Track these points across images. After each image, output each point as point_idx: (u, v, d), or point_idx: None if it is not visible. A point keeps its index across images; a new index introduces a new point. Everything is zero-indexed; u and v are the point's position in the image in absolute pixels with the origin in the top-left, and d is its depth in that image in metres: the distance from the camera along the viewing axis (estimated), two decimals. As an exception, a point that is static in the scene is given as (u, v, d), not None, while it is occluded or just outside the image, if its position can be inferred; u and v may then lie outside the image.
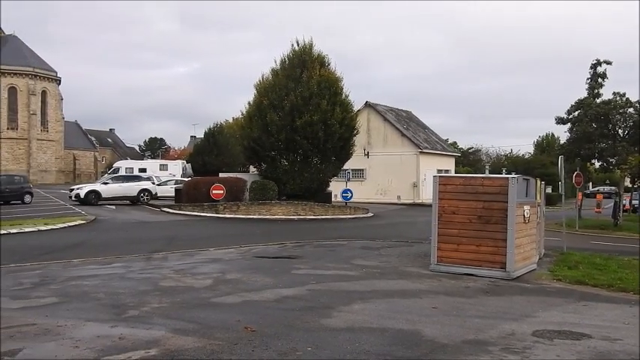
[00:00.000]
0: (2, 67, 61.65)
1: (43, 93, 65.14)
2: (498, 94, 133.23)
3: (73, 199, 30.84)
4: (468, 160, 70.25)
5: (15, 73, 62.38)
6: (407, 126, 47.30)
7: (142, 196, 32.11)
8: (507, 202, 10.50)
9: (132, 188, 32.16)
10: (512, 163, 61.26)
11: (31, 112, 63.16)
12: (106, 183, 32.49)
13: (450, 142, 62.92)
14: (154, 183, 33.90)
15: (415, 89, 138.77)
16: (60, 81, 67.83)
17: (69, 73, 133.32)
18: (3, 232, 17.72)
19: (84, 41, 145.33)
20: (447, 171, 44.86)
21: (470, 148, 75.92)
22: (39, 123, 64.48)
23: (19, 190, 31.37)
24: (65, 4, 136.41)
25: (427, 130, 51.39)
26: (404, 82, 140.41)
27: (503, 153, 76.56)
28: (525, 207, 11.22)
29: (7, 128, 62.32)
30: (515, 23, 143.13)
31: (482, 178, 11.40)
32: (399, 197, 42.72)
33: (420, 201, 41.24)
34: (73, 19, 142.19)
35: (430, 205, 11.84)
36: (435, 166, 42.77)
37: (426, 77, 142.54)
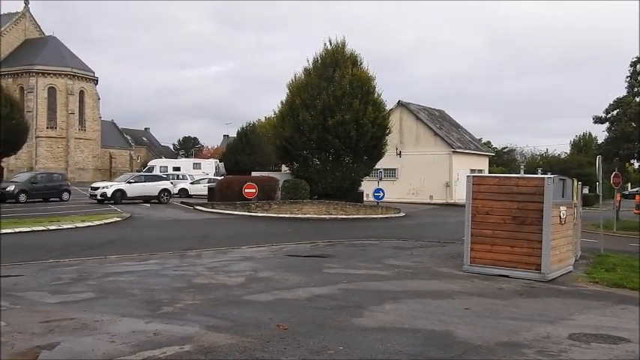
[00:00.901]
0: (42, 67, 63.31)
1: (81, 93, 66.63)
2: (534, 93, 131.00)
3: (99, 197, 29.92)
4: (502, 159, 69.25)
5: (54, 74, 63.98)
6: (440, 125, 46.88)
7: (162, 196, 32.00)
8: (543, 202, 10.32)
9: (153, 188, 32.10)
10: (548, 163, 60.15)
11: (70, 112, 64.67)
12: (130, 182, 31.67)
13: (483, 141, 62.14)
14: (170, 182, 34.77)
15: (449, 88, 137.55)
16: (97, 81, 69.27)
17: (106, 73, 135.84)
18: (41, 228, 18.21)
19: (121, 42, 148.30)
20: (480, 171, 44.29)
21: (504, 148, 74.85)
22: (77, 122, 65.98)
23: (58, 188, 32.20)
24: (104, 5, 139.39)
25: (460, 130, 50.84)
26: (437, 81, 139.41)
27: (538, 153, 75.31)
28: (561, 208, 11.01)
29: (47, 127, 63.95)
30: (552, 21, 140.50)
31: (517, 178, 11.22)
32: (431, 197, 42.37)
33: (453, 201, 40.83)
34: (112, 21, 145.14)
35: (463, 205, 11.72)
36: (468, 166, 42.27)
37: (461, 76, 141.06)
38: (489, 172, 45.94)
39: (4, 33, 67.47)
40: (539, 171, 45.76)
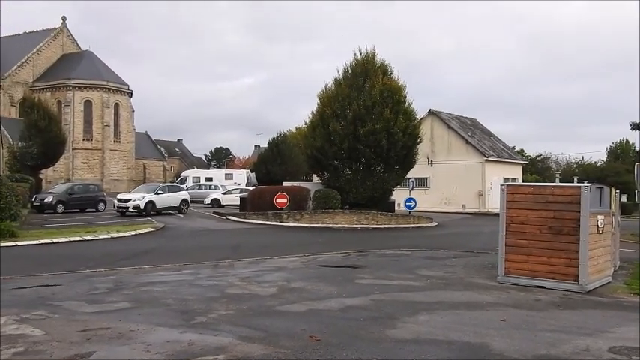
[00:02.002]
0: (79, 81, 64.92)
1: (116, 105, 68.02)
2: (569, 99, 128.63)
3: (131, 209, 28.85)
4: (536, 168, 68.12)
5: (90, 87, 65.49)
6: (471, 134, 46.41)
7: (182, 207, 31.87)
8: (580, 211, 10.11)
9: (176, 198, 31.98)
10: (584, 171, 58.96)
11: (105, 124, 66.05)
12: (158, 193, 31.00)
13: (516, 149, 61.24)
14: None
15: (481, 96, 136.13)
16: (131, 94, 70.63)
17: (140, 85, 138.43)
18: (78, 238, 18.59)
19: (156, 54, 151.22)
20: (514, 179, 43.65)
21: (538, 156, 73.63)
22: (112, 134, 67.32)
23: (94, 199, 32.86)
24: (139, 19, 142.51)
25: (493, 138, 50.24)
26: (470, 88, 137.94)
27: (573, 161, 73.85)
28: (599, 217, 10.76)
29: (83, 139, 65.41)
30: (588, 26, 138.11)
31: (553, 186, 11.01)
32: (463, 206, 41.90)
33: (486, 210, 40.30)
34: (147, 34, 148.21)
35: (497, 215, 11.55)
36: (501, 175, 41.72)
37: (494, 83, 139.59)
38: (523, 181, 45.26)
39: (42, 49, 69.48)
40: (575, 179, 44.93)
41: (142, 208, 29.11)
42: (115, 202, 30.19)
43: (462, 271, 12.51)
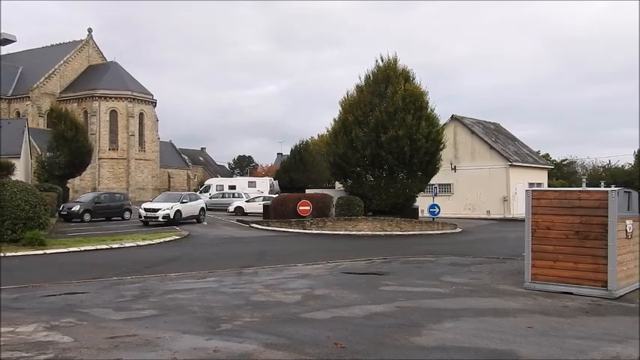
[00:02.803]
0: (104, 92, 66.01)
1: (141, 115, 68.95)
2: (595, 102, 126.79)
3: (161, 219, 28.19)
4: (562, 172, 67.11)
5: (115, 97, 66.54)
6: (495, 139, 45.99)
7: (201, 215, 31.71)
8: (607, 216, 9.94)
9: (196, 207, 31.75)
10: (611, 175, 57.85)
11: (130, 134, 66.98)
12: (183, 202, 30.52)
13: (541, 154, 60.46)
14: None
15: (505, 100, 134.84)
16: (155, 103, 71.56)
17: (165, 95, 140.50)
18: (105, 246, 18.86)
19: (180, 64, 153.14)
20: (539, 184, 43.10)
21: (564, 160, 72.54)
22: (137, 143, 68.22)
23: (120, 207, 33.28)
24: (163, 29, 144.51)
25: (517, 143, 49.72)
26: (493, 93, 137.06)
27: (600, 164, 72.51)
28: (627, 222, 10.57)
29: (109, 149, 66.41)
30: (612, 27, 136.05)
31: (579, 191, 10.85)
32: (488, 212, 41.48)
33: (511, 216, 39.83)
34: (170, 44, 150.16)
35: (522, 220, 11.43)
36: (526, 180, 41.22)
37: (518, 87, 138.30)
38: (549, 186, 44.70)
39: (69, 60, 70.83)
40: (602, 184, 44.18)
41: (171, 217, 28.61)
42: (141, 211, 29.30)
43: (487, 278, 12.39)
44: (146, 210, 29.11)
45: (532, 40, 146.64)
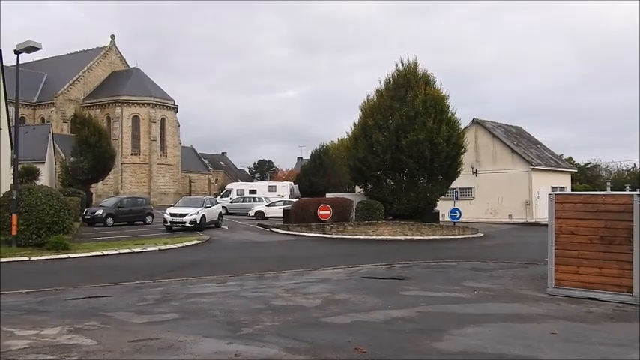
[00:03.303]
0: (127, 98, 66.89)
1: (163, 120, 69.67)
2: (618, 105, 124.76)
3: (188, 224, 27.75)
4: (586, 176, 66.15)
5: (138, 103, 67.38)
6: (517, 142, 45.54)
7: (219, 220, 31.52)
8: (633, 221, 9.78)
9: (216, 212, 31.59)
10: (637, 179, 56.89)
11: (152, 139, 67.71)
12: (207, 207, 30.16)
13: (564, 157, 59.69)
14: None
15: (527, 104, 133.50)
16: (177, 109, 72.26)
17: (186, 100, 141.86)
18: (127, 250, 19.06)
19: (201, 70, 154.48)
20: (562, 188, 42.55)
21: (587, 164, 71.49)
22: (159, 148, 68.94)
23: (142, 212, 33.60)
24: (186, 36, 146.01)
25: (539, 146, 49.18)
26: (515, 96, 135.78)
27: (625, 168, 71.32)
28: (654, 226, 10.37)
29: (131, 154, 67.21)
30: (635, 30, 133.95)
31: (604, 195, 10.69)
32: (510, 216, 41.06)
33: (534, 220, 39.38)
34: (192, 50, 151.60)
35: (545, 225, 11.29)
36: (548, 184, 40.71)
37: (543, 90, 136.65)
38: (572, 190, 44.10)
39: (93, 67, 71.90)
40: (628, 188, 43.44)
41: (198, 222, 28.16)
42: (166, 216, 28.66)
43: (509, 283, 12.26)
44: (172, 215, 28.57)
45: (559, 43, 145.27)
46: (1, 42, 28.21)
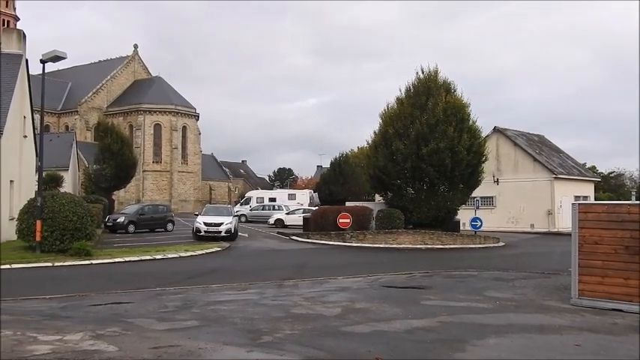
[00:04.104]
0: (149, 106, 67.70)
1: (184, 128, 70.35)
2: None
3: (224, 234, 26.97)
4: (609, 185, 65.17)
5: (159, 111, 68.17)
6: (539, 150, 45.07)
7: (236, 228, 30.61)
8: (659, 231, 9.59)
9: (236, 221, 30.50)
10: (662, 188, 55.85)
11: (173, 147, 68.38)
12: (235, 215, 30.02)
13: (588, 166, 58.90)
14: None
15: (550, 112, 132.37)
16: (198, 117, 72.92)
17: (207, 108, 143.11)
18: (148, 257, 19.20)
19: (223, 79, 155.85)
20: (585, 197, 41.94)
21: (611, 173, 70.48)
22: (180, 156, 69.59)
23: (163, 219, 33.82)
24: (208, 45, 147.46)
25: (562, 155, 48.61)
26: (538, 104, 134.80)
27: (650, 177, 70.12)
28: (681, 237, 10.16)
29: (153, 161, 67.92)
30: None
31: (629, 204, 10.50)
32: (532, 225, 40.58)
33: (556, 229, 38.89)
34: (213, 58, 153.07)
35: (567, 234, 11.13)
36: (571, 192, 40.20)
37: (566, 98, 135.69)
38: (595, 199, 43.49)
39: (116, 75, 72.96)
40: (653, 197, 42.63)
41: (232, 231, 27.59)
42: (200, 225, 27.38)
43: (532, 293, 12.09)
44: (207, 224, 27.38)
45: (582, 49, 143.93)
46: (28, 51, 28.83)
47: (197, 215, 30.41)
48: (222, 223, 27.49)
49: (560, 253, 20.07)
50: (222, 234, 27.09)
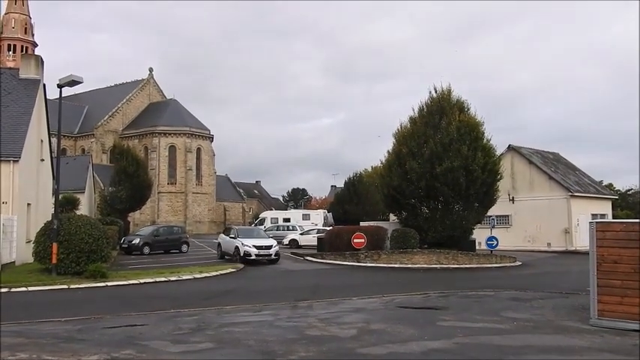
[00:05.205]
0: (164, 128, 68.36)
1: (198, 150, 70.86)
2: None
3: (273, 256, 26.44)
4: (627, 203, 64.32)
5: (174, 133, 68.80)
6: (555, 168, 44.72)
7: None
8: (679, 249, 9.43)
9: None
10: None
11: (188, 168, 68.84)
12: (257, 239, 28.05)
13: (604, 183, 58.26)
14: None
15: (568, 129, 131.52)
16: (212, 138, 73.46)
17: (221, 130, 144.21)
18: (163, 279, 19.23)
19: (237, 100, 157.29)
20: (602, 215, 41.43)
21: (629, 190, 69.57)
22: (194, 178, 70.00)
23: (178, 240, 33.94)
24: (222, 68, 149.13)
25: (578, 172, 48.17)
26: (556, 122, 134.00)
27: (668, 194, 69.14)
28: (702, 255, 9.98)
29: (167, 183, 68.37)
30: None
31: (648, 223, 10.35)
32: (549, 244, 40.09)
33: (574, 248, 38.37)
34: (228, 81, 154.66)
35: (585, 253, 10.98)
36: (588, 211, 39.76)
37: (581, 116, 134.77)
38: (613, 217, 42.91)
39: (131, 99, 73.92)
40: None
41: (273, 256, 26.75)
42: (249, 249, 26.01)
43: (550, 314, 11.90)
44: (258, 248, 26.16)
45: (596, 68, 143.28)
46: (45, 76, 29.52)
47: (221, 235, 29.87)
48: (271, 246, 26.82)
49: (578, 272, 19.78)
50: (272, 256, 26.51)
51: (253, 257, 25.85)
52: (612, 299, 10.15)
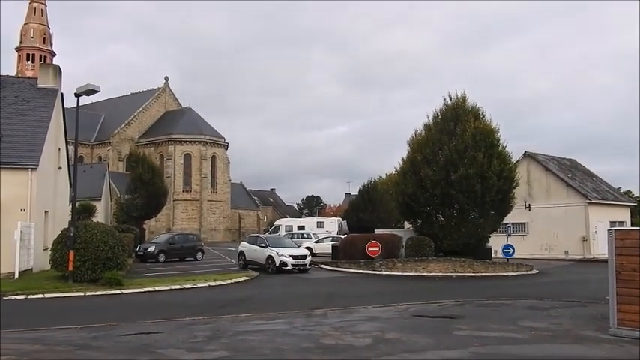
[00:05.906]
0: (179, 136, 68.81)
1: (213, 158, 71.20)
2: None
3: (308, 266, 26.26)
4: (646, 210, 63.43)
5: (189, 142, 69.22)
6: (572, 175, 44.26)
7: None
8: (701, 258, 9.25)
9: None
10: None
11: (203, 176, 69.18)
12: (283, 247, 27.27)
13: (622, 190, 57.53)
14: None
15: (582, 136, 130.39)
16: (227, 146, 73.81)
17: (235, 138, 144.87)
18: (178, 286, 19.27)
19: (253, 109, 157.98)
20: (621, 223, 40.88)
21: (647, 197, 68.69)
22: (209, 185, 70.32)
23: (193, 248, 34.07)
24: (238, 77, 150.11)
25: (595, 179, 47.62)
26: (573, 129, 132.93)
27: (688, 201, 68.12)
28: None
29: (183, 191, 68.74)
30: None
31: (668, 231, 10.18)
32: (566, 252, 39.62)
33: (592, 256, 37.88)
34: (244, 89, 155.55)
35: (604, 261, 10.82)
36: (606, 218, 39.26)
37: (599, 123, 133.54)
38: (632, 224, 42.29)
39: (147, 107, 74.56)
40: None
41: (307, 266, 26.54)
42: (286, 259, 25.53)
43: (568, 323, 11.73)
44: (295, 257, 25.87)
45: (613, 74, 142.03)
46: (63, 85, 29.98)
47: (243, 243, 29.46)
48: (306, 256, 26.77)
49: (596, 280, 19.53)
50: (307, 266, 26.38)
51: (289, 267, 25.54)
52: (632, 308, 9.97)
